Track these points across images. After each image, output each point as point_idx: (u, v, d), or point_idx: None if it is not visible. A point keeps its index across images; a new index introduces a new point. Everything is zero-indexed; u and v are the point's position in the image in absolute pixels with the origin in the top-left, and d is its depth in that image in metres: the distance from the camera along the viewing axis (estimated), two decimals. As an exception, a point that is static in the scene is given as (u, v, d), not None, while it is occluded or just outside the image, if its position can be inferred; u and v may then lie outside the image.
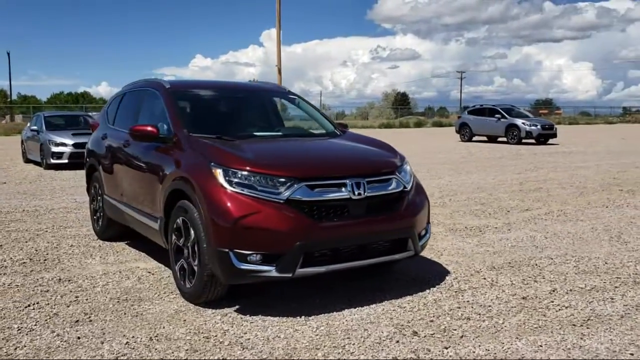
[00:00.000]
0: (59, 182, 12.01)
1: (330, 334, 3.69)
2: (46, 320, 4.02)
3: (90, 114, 18.84)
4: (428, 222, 4.68)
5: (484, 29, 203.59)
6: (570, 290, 4.57)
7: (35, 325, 3.93)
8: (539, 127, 22.95)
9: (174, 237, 4.49)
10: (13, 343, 3.62)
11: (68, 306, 4.31)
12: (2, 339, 3.70)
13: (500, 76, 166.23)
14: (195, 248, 4.15)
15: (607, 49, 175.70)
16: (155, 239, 5.00)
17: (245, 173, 4.00)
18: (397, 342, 3.56)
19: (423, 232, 4.56)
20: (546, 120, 26.14)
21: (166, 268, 5.29)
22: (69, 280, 4.95)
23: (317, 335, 3.69)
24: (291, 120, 6.11)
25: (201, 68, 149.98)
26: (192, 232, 4.19)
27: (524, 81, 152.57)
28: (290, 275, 3.89)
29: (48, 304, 4.37)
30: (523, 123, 23.15)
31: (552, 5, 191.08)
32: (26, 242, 6.43)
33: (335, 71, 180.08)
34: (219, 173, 4.04)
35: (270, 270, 3.88)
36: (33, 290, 4.69)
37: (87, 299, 4.46)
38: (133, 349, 3.51)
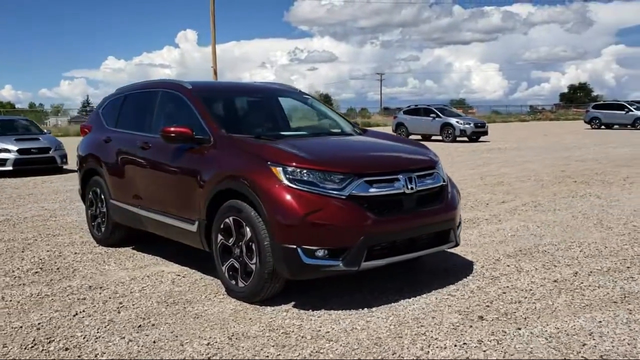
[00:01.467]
0: (12, 190, 11.41)
1: (403, 323, 3.84)
2: (106, 327, 3.92)
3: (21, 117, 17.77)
4: (460, 215, 4.92)
5: (398, 31, 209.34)
6: (591, 272, 4.94)
7: (98, 332, 3.83)
8: (472, 125, 24.03)
9: (220, 237, 4.48)
10: (89, 350, 3.53)
11: (118, 312, 4.22)
12: (74, 347, 3.60)
13: (413, 78, 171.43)
14: (253, 246, 4.18)
15: (511, 51, 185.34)
16: (189, 241, 4.95)
17: (305, 171, 4.08)
18: (471, 326, 3.76)
19: (458, 224, 4.79)
20: (478, 118, 27.38)
21: (194, 270, 5.25)
22: (101, 287, 4.82)
23: (391, 325, 3.82)
24: (306, 119, 6.18)
25: (114, 70, 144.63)
26: (247, 230, 4.21)
27: (435, 82, 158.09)
28: (356, 268, 4.01)
29: (95, 311, 4.25)
30: (457, 122, 24.15)
31: (461, 9, 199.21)
32: (22, 251, 6.15)
33: (254, 72, 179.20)
34: (278, 171, 4.09)
35: (337, 265, 3.98)
36: (69, 299, 4.54)
37: (133, 304, 4.38)
38: (219, 348, 3.51)
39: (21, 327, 3.95)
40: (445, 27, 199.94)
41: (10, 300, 4.54)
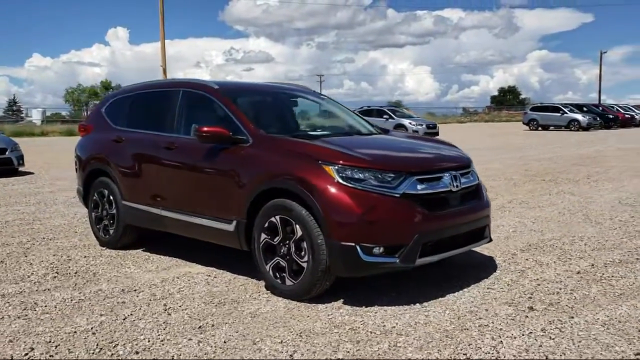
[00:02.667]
0: (-26, 194, 10.82)
1: (461, 317, 3.98)
2: (165, 329, 3.86)
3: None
4: None
5: (333, 33, 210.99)
6: (606, 264, 5.24)
7: (159, 334, 3.77)
8: (424, 126, 24.69)
9: (263, 236, 4.48)
10: (162, 353, 3.48)
11: (169, 314, 4.15)
12: (143, 350, 3.53)
13: (349, 79, 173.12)
14: (304, 245, 4.21)
15: (443, 55, 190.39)
16: (223, 241, 4.92)
17: (356, 169, 4.15)
18: (527, 317, 3.94)
19: (488, 221, 4.99)
20: (429, 120, 28.10)
21: (222, 270, 5.22)
22: (135, 290, 4.72)
23: (451, 318, 3.95)
24: (328, 119, 6.23)
25: (39, 68, 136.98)
26: (297, 229, 4.23)
27: (370, 84, 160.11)
28: (412, 265, 4.12)
29: (144, 314, 4.17)
30: (410, 123, 24.75)
31: (394, 12, 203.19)
32: (25, 256, 5.90)
33: (188, 72, 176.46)
34: (332, 170, 4.14)
35: (395, 262, 4.07)
36: (108, 303, 4.42)
37: (180, 306, 4.31)
38: (295, 346, 3.54)
39: (75, 332, 3.83)
40: (379, 30, 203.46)
41: (46, 306, 4.37)
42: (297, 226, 4.24)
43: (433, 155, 4.80)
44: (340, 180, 4.11)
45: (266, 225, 4.46)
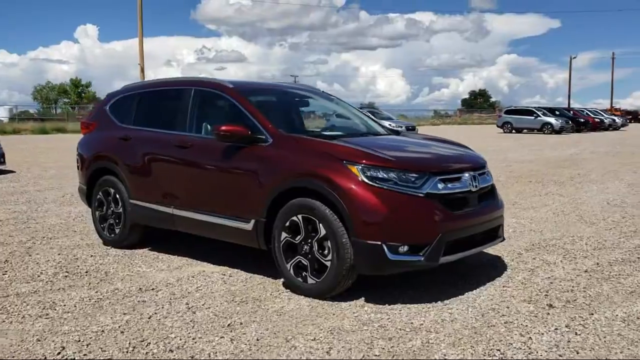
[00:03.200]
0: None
1: (485, 314, 4.06)
2: (193, 327, 3.86)
3: None
4: None
5: (306, 34, 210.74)
6: (610, 262, 5.40)
7: (189, 333, 3.76)
8: (403, 128, 24.80)
9: (284, 235, 4.51)
10: (197, 351, 3.48)
11: (194, 313, 4.15)
12: (177, 348, 3.53)
13: (322, 81, 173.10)
14: (328, 243, 4.25)
15: (414, 57, 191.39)
16: (239, 240, 4.92)
17: (381, 169, 4.21)
18: (548, 314, 4.05)
19: (500, 220, 5.09)
20: (408, 121, 28.34)
21: (237, 269, 5.22)
22: (153, 289, 4.70)
23: (475, 315, 4.03)
24: (339, 119, 6.28)
25: (5, 64, 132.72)
26: (321, 227, 4.27)
27: (343, 86, 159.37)
28: (436, 263, 4.19)
29: (168, 312, 4.16)
30: (390, 124, 24.84)
31: (367, 15, 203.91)
32: (29, 255, 5.82)
33: (159, 71, 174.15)
34: (357, 169, 4.19)
35: (420, 260, 4.14)
36: (128, 302, 4.40)
37: (202, 304, 4.31)
38: (329, 343, 3.57)
39: (102, 331, 3.81)
40: (352, 32, 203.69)
41: (65, 305, 4.33)
42: (321, 225, 4.28)
43: (452, 156, 4.89)
44: (366, 180, 4.16)
45: (287, 224, 4.48)
